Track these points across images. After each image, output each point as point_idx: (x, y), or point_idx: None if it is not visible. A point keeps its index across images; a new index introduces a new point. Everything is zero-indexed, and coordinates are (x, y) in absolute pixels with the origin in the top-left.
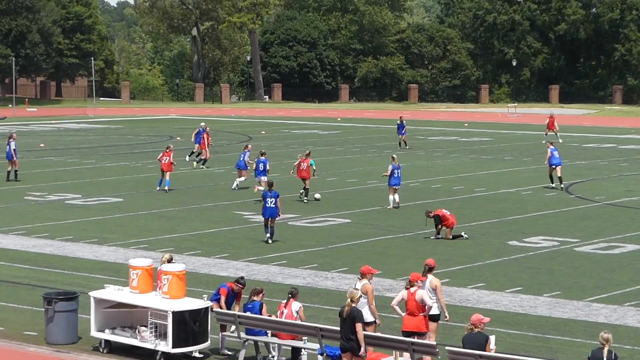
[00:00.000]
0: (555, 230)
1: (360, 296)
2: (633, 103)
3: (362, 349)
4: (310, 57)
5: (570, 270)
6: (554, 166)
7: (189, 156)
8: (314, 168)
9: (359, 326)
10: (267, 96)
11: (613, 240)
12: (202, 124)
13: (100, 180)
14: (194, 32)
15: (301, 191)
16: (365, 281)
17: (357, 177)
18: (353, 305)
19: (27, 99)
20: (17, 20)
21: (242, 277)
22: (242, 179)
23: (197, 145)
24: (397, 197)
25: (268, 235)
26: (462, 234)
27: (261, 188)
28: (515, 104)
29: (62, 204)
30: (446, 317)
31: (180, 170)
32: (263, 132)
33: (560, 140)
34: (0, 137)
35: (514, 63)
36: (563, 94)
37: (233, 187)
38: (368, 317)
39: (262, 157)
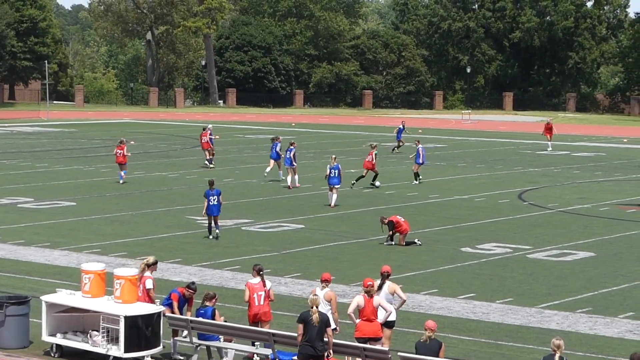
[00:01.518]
0: (508, 237)
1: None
2: (586, 111)
3: (331, 354)
4: (265, 62)
5: (522, 277)
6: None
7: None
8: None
9: (330, 330)
10: (221, 101)
11: (565, 248)
12: (210, 126)
13: (53, 183)
14: (149, 36)
15: (372, 182)
16: (327, 289)
17: (311, 182)
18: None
19: None
20: None
21: (193, 283)
22: (269, 169)
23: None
24: (335, 196)
25: (217, 232)
26: (416, 240)
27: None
28: (469, 111)
29: (14, 207)
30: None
31: (134, 174)
32: (217, 137)
33: (549, 148)
34: None
35: (468, 70)
36: (517, 101)
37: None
38: (331, 324)
39: (291, 147)
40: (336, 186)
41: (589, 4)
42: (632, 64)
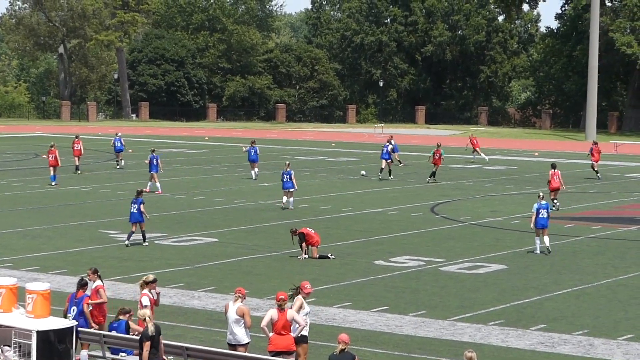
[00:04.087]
0: (421, 250)
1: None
2: (498, 124)
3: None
4: (178, 76)
5: (435, 289)
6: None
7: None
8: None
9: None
10: (134, 114)
11: (478, 260)
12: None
13: None
14: (61, 49)
15: (430, 177)
16: (239, 303)
17: (224, 196)
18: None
19: None
20: None
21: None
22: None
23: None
24: (291, 199)
25: (142, 240)
26: (329, 255)
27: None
28: (382, 125)
29: None
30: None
31: (46, 188)
32: (130, 151)
33: (487, 159)
34: None
35: (381, 84)
36: (429, 115)
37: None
38: (244, 338)
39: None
40: (291, 190)
41: (501, 19)
42: (542, 78)
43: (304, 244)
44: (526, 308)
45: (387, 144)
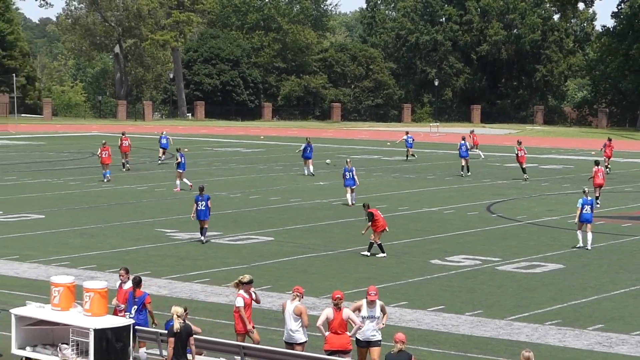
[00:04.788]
0: (477, 249)
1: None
2: (554, 123)
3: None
4: (233, 75)
5: (492, 289)
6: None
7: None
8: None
9: (192, 339)
10: (189, 114)
11: (534, 260)
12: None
13: (21, 196)
14: (117, 49)
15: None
16: (297, 302)
17: (280, 195)
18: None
19: None
20: None
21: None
22: (312, 168)
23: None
24: (353, 195)
25: (203, 239)
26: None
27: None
28: (438, 124)
29: None
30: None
31: (102, 187)
32: (186, 150)
33: (482, 156)
34: None
35: (436, 83)
36: (485, 114)
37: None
38: (301, 337)
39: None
40: (352, 187)
41: (556, 17)
42: (599, 77)
43: (370, 224)
44: (583, 308)
45: (463, 141)
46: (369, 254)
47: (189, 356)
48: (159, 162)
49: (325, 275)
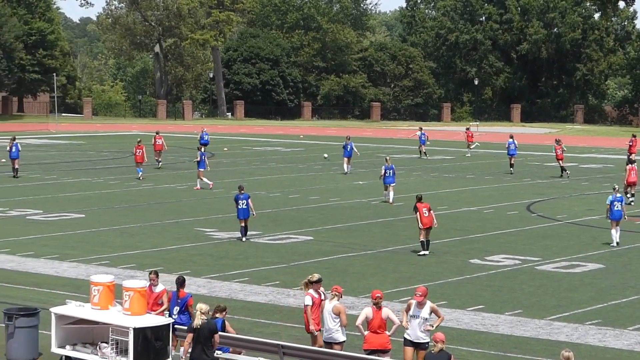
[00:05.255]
0: (517, 248)
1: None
2: (594, 122)
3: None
4: (272, 75)
5: (531, 288)
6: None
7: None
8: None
9: (217, 337)
10: (229, 113)
11: (574, 259)
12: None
13: (61, 196)
14: (157, 48)
15: (563, 173)
16: (335, 301)
17: (319, 194)
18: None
19: None
20: None
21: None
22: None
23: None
24: (391, 193)
25: (243, 237)
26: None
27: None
28: (477, 123)
29: (23, 219)
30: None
31: (142, 186)
32: (225, 149)
33: (468, 155)
34: None
35: (476, 82)
36: (525, 113)
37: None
38: (340, 336)
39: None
40: (392, 184)
41: (597, 16)
42: (639, 76)
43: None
44: (624, 307)
45: (511, 140)
46: (426, 252)
47: (219, 352)
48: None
49: (364, 275)
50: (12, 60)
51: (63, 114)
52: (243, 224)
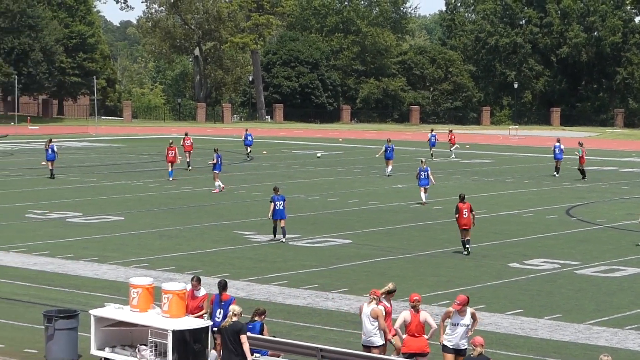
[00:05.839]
0: (556, 252)
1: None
2: (635, 126)
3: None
4: (312, 78)
5: (571, 293)
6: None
7: None
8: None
9: (244, 337)
10: (268, 116)
11: (614, 264)
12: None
13: (101, 198)
14: (196, 52)
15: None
16: (373, 304)
17: (358, 197)
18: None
19: (29, 117)
20: (20, 39)
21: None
22: (390, 168)
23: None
24: (426, 194)
25: (281, 236)
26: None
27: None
28: (517, 126)
29: (63, 222)
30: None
31: (182, 189)
32: (265, 152)
33: (453, 156)
34: (1, 154)
35: (516, 85)
36: (564, 117)
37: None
38: (378, 340)
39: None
40: (426, 186)
41: (637, 19)
42: None
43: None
44: None
45: (557, 143)
46: (465, 252)
47: (257, 355)
48: (247, 159)
49: (403, 278)
50: (52, 63)
51: (103, 117)
52: (281, 225)
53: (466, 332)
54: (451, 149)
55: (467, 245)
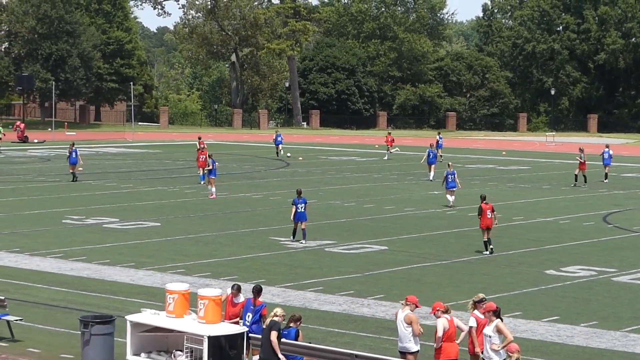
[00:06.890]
0: (593, 259)
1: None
2: None
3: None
4: (348, 84)
5: (607, 300)
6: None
7: None
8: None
9: (274, 334)
10: (305, 122)
11: None
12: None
13: (137, 204)
14: (233, 58)
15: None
16: (408, 310)
17: (394, 204)
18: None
19: (66, 123)
20: (58, 45)
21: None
22: (433, 174)
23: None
24: (453, 198)
25: (302, 239)
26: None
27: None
28: (554, 133)
29: (99, 227)
30: None
31: (218, 196)
32: (301, 159)
33: (385, 158)
34: (38, 160)
35: (553, 92)
36: (602, 124)
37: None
38: (413, 346)
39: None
40: (453, 189)
41: None
42: None
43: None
44: None
45: (607, 149)
46: (487, 253)
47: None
48: (278, 156)
49: (439, 285)
50: (89, 69)
51: (139, 123)
52: (302, 227)
53: (488, 342)
54: (390, 151)
55: (490, 245)
